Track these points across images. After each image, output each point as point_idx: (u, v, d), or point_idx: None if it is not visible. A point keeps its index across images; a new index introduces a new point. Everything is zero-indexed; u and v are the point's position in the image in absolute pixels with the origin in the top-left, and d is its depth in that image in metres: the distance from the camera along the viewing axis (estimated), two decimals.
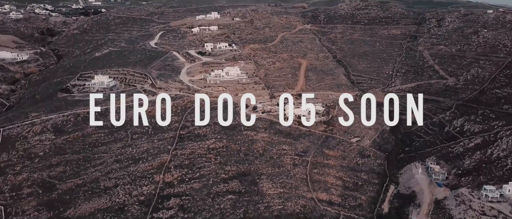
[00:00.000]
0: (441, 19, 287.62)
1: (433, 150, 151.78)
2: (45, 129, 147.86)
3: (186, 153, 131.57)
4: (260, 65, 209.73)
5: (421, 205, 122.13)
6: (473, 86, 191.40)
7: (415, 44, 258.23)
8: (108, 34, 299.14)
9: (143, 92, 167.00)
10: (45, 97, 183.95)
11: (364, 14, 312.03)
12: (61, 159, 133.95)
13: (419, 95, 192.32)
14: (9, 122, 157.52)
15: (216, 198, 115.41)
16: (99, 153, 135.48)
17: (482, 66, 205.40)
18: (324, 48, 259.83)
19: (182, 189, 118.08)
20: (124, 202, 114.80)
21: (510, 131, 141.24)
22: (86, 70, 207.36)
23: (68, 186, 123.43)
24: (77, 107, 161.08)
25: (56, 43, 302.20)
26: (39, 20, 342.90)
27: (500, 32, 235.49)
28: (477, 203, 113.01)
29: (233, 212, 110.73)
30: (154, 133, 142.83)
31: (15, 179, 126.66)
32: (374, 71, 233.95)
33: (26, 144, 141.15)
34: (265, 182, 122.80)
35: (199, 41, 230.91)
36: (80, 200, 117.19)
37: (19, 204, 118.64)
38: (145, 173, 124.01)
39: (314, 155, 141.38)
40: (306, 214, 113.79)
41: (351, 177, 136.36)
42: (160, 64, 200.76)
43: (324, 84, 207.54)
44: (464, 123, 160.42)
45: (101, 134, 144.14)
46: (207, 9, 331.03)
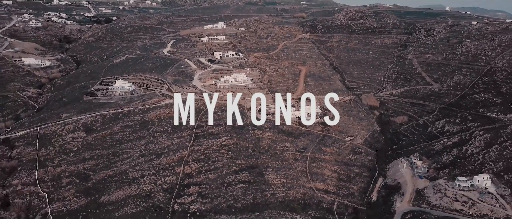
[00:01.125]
0: (430, 29, 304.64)
1: (417, 147, 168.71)
2: (77, 128, 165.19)
3: (202, 149, 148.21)
4: (264, 72, 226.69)
5: (404, 194, 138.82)
6: (455, 91, 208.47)
7: (405, 53, 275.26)
8: (122, 42, 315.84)
9: (161, 95, 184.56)
10: (72, 100, 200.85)
11: (359, 24, 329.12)
12: (93, 154, 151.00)
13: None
14: (43, 122, 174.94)
15: (229, 186, 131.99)
16: (126, 149, 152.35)
17: (464, 74, 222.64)
18: (322, 56, 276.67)
19: (200, 179, 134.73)
20: (150, 190, 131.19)
21: (483, 130, 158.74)
22: (106, 76, 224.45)
23: (100, 176, 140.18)
24: (103, 109, 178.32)
25: (73, 50, 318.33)
26: (56, 28, 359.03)
27: (482, 42, 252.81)
28: (451, 191, 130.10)
29: (244, 198, 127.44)
30: (173, 131, 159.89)
31: (55, 171, 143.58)
32: (367, 77, 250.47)
33: (61, 141, 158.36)
34: (270, 174, 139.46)
35: (209, 50, 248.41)
36: (112, 188, 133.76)
37: (60, 191, 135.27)
38: (167, 165, 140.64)
39: (313, 151, 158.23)
40: (306, 201, 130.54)
41: (345, 170, 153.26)
42: (174, 70, 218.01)
43: (321, 89, 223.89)
44: (445, 124, 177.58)
45: (126, 132, 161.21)
46: (214, 19, 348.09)
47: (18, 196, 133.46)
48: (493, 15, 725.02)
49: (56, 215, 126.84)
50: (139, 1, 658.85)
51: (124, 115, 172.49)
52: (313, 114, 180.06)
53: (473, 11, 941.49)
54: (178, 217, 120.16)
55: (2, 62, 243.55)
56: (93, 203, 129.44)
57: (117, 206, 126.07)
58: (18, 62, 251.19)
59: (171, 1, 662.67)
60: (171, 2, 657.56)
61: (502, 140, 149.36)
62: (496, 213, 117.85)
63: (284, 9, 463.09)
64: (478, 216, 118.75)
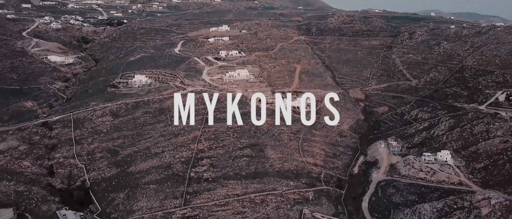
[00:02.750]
0: (413, 32, 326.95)
1: (394, 132, 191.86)
2: (105, 113, 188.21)
3: (212, 130, 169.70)
4: (264, 69, 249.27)
5: (380, 167, 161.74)
6: (430, 86, 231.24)
7: (390, 53, 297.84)
8: (135, 42, 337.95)
9: (176, 88, 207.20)
10: (96, 92, 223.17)
11: (349, 28, 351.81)
12: (120, 134, 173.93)
13: None
14: (75, 109, 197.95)
15: (235, 159, 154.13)
16: (148, 130, 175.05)
17: (439, 71, 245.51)
18: (315, 55, 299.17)
19: (211, 153, 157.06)
20: (170, 162, 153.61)
21: (448, 117, 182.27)
22: (125, 71, 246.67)
23: (128, 152, 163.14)
24: (125, 98, 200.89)
25: (91, 49, 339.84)
26: (74, 30, 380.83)
27: (457, 44, 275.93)
28: (417, 164, 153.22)
29: (247, 168, 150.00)
30: (187, 115, 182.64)
31: (89, 147, 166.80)
32: (355, 74, 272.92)
33: (92, 124, 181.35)
34: (269, 150, 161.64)
35: (215, 49, 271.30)
36: (138, 161, 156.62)
37: (95, 163, 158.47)
38: (183, 143, 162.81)
39: (305, 134, 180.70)
40: (298, 171, 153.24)
41: (332, 149, 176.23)
42: (185, 67, 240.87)
43: (314, 84, 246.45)
44: (418, 113, 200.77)
45: (147, 117, 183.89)
46: (218, 22, 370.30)
47: (60, 166, 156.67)
48: (488, 20, 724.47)
49: (93, 182, 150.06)
50: (146, 5, 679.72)
51: (144, 103, 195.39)
52: (313, 114, 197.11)
53: (469, 17, 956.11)
54: (194, 182, 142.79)
55: (32, 59, 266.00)
56: (123, 172, 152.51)
57: (143, 174, 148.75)
58: (45, 59, 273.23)
59: (176, 6, 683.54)
60: (176, 7, 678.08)
61: (463, 124, 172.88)
62: (451, 179, 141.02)
63: (282, 13, 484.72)
64: (437, 182, 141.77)
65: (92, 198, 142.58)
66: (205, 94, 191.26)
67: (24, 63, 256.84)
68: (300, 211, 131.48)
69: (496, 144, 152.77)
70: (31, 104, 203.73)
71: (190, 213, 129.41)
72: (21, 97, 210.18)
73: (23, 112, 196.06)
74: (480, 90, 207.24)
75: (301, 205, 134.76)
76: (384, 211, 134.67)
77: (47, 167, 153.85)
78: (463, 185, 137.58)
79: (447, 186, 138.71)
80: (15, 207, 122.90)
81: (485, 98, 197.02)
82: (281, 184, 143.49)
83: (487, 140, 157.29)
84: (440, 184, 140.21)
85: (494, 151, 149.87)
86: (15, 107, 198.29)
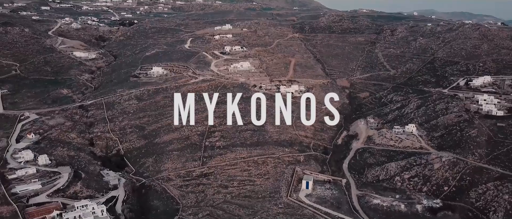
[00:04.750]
0: (394, 30, 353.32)
1: (372, 112, 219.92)
2: (130, 98, 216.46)
3: (221, 110, 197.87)
4: (263, 61, 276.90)
5: (359, 139, 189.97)
6: (405, 75, 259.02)
7: (373, 48, 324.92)
8: (148, 40, 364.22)
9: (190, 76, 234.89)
10: (120, 81, 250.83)
11: (338, 26, 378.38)
12: (144, 114, 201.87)
13: None
14: (104, 95, 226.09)
15: (241, 132, 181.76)
16: (167, 111, 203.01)
17: (413, 62, 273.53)
18: (308, 50, 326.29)
19: (221, 128, 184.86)
20: (188, 135, 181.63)
21: (417, 98, 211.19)
22: (143, 64, 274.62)
23: (152, 128, 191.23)
24: (147, 86, 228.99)
25: (108, 47, 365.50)
26: (92, 29, 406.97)
27: (431, 39, 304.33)
28: (389, 135, 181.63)
29: (251, 138, 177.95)
30: (199, 99, 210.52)
31: (120, 124, 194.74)
32: (342, 66, 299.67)
33: (121, 106, 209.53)
34: (268, 125, 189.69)
35: (220, 45, 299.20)
36: (162, 134, 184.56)
37: (126, 137, 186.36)
38: (198, 120, 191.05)
39: (298, 113, 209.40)
40: (292, 141, 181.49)
41: (320, 125, 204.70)
42: (195, 60, 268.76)
43: (306, 75, 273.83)
44: (393, 96, 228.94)
45: (166, 101, 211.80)
46: (221, 21, 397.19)
47: (98, 139, 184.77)
48: (480, 20, 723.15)
49: (126, 151, 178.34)
50: (152, 6, 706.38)
51: (163, 89, 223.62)
52: (313, 115, 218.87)
53: (462, 16, 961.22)
54: (208, 149, 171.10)
55: (61, 55, 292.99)
56: (150, 143, 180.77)
57: (167, 144, 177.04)
58: (71, 55, 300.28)
59: (180, 7, 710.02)
60: (180, 8, 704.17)
61: (427, 103, 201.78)
62: (414, 145, 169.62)
63: (278, 14, 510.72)
64: (403, 147, 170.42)
65: (126, 163, 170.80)
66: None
67: (54, 58, 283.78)
68: (293, 169, 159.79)
69: (452, 118, 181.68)
70: (66, 92, 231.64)
71: (207, 171, 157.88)
72: (57, 86, 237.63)
73: (61, 97, 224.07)
74: (446, 78, 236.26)
75: (294, 165, 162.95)
76: (360, 169, 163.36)
77: (88, 139, 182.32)
78: (423, 149, 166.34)
79: (410, 150, 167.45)
80: (70, 166, 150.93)
81: (449, 83, 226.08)
82: (278, 150, 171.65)
83: (445, 115, 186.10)
84: (405, 149, 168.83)
85: (450, 123, 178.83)
86: (54, 94, 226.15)
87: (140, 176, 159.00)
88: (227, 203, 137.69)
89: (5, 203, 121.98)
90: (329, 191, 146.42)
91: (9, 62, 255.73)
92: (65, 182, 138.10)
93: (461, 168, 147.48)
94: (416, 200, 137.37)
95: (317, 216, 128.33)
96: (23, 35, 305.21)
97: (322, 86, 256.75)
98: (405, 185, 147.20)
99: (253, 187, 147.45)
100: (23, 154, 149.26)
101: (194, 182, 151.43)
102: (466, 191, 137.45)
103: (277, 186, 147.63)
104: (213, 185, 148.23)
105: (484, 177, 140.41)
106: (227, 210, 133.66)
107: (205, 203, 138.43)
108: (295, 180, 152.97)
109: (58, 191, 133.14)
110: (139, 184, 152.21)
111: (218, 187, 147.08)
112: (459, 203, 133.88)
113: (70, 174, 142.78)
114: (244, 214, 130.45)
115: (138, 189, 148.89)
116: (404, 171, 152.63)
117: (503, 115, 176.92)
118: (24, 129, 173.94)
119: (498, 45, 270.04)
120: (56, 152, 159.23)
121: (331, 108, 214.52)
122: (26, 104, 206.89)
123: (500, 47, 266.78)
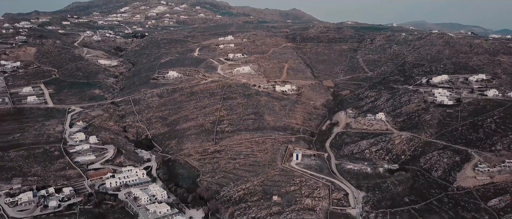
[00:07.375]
0: (374, 39, 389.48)
1: (351, 105, 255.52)
2: (153, 95, 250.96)
3: (227, 105, 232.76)
4: (261, 66, 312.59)
5: (339, 125, 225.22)
6: (380, 76, 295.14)
7: (355, 54, 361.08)
8: (160, 49, 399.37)
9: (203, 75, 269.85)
10: (141, 83, 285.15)
11: (325, 36, 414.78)
12: (165, 108, 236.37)
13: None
14: (131, 93, 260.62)
15: (244, 120, 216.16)
16: (184, 105, 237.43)
17: (388, 66, 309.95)
18: (299, 57, 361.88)
19: (229, 117, 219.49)
20: (202, 123, 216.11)
21: (387, 93, 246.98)
22: (160, 69, 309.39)
23: (173, 118, 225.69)
24: (165, 86, 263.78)
25: (126, 56, 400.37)
26: (110, 41, 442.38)
27: (403, 46, 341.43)
28: (363, 121, 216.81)
29: (253, 125, 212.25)
30: (210, 96, 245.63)
31: (146, 115, 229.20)
32: (328, 70, 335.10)
33: (145, 102, 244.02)
34: (266, 116, 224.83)
35: (224, 53, 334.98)
36: (181, 123, 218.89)
37: (152, 125, 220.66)
38: (210, 111, 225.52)
39: (290, 107, 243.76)
40: (285, 127, 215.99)
41: (308, 116, 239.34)
42: (204, 65, 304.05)
43: (297, 77, 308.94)
44: (369, 93, 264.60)
45: (183, 97, 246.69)
46: (223, 33, 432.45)
47: (130, 127, 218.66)
48: (468, 29, 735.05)
49: (153, 136, 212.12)
50: (159, 21, 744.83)
51: (179, 89, 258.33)
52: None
53: (452, 27, 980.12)
54: (219, 133, 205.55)
55: (88, 63, 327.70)
56: (172, 130, 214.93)
57: (186, 130, 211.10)
58: (96, 62, 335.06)
59: (184, 21, 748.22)
60: (184, 22, 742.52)
61: (395, 97, 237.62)
62: (381, 128, 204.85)
63: (273, 26, 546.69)
64: (373, 130, 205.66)
65: (154, 144, 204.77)
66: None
67: (83, 65, 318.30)
68: (286, 146, 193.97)
69: (412, 107, 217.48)
70: (98, 92, 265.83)
71: (219, 148, 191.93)
72: (91, 87, 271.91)
73: (95, 96, 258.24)
74: (412, 77, 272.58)
75: (287, 144, 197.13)
76: (339, 146, 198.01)
77: (122, 127, 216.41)
78: (388, 130, 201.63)
79: (379, 131, 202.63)
80: (113, 144, 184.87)
81: (414, 81, 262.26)
82: (274, 134, 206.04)
83: (407, 105, 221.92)
84: (375, 131, 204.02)
85: (410, 111, 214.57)
86: (89, 93, 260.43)
87: (166, 153, 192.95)
88: (236, 169, 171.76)
89: (71, 168, 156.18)
90: (314, 161, 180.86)
91: (49, 68, 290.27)
92: (112, 155, 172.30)
93: (416, 142, 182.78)
94: (379, 165, 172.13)
95: (304, 176, 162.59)
96: (55, 46, 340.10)
97: (311, 86, 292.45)
98: (372, 155, 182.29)
99: (255, 159, 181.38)
100: (77, 135, 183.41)
101: (210, 156, 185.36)
102: (418, 158, 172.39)
103: (274, 158, 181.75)
104: (225, 158, 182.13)
105: (432, 148, 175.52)
106: (236, 173, 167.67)
107: (220, 170, 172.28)
108: (288, 154, 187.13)
109: (108, 161, 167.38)
110: (167, 159, 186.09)
111: (229, 159, 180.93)
112: (412, 166, 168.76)
113: (114, 150, 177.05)
114: (249, 175, 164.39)
115: (166, 162, 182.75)
116: (372, 146, 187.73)
117: (452, 103, 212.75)
118: (74, 118, 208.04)
119: (457, 50, 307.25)
120: (101, 134, 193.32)
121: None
122: (70, 100, 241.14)
123: (459, 52, 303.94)
